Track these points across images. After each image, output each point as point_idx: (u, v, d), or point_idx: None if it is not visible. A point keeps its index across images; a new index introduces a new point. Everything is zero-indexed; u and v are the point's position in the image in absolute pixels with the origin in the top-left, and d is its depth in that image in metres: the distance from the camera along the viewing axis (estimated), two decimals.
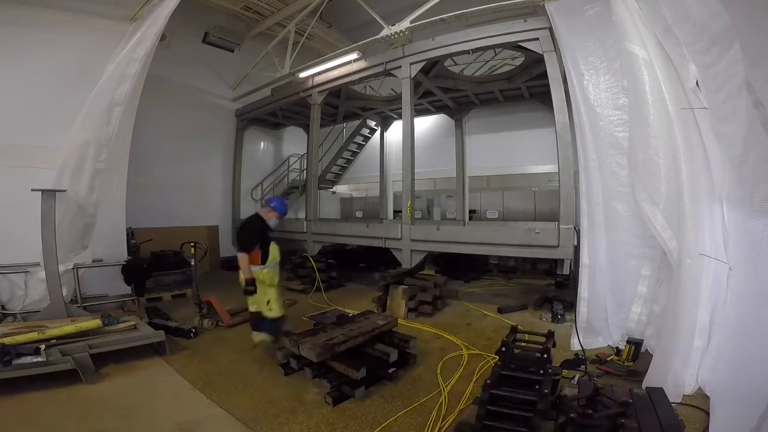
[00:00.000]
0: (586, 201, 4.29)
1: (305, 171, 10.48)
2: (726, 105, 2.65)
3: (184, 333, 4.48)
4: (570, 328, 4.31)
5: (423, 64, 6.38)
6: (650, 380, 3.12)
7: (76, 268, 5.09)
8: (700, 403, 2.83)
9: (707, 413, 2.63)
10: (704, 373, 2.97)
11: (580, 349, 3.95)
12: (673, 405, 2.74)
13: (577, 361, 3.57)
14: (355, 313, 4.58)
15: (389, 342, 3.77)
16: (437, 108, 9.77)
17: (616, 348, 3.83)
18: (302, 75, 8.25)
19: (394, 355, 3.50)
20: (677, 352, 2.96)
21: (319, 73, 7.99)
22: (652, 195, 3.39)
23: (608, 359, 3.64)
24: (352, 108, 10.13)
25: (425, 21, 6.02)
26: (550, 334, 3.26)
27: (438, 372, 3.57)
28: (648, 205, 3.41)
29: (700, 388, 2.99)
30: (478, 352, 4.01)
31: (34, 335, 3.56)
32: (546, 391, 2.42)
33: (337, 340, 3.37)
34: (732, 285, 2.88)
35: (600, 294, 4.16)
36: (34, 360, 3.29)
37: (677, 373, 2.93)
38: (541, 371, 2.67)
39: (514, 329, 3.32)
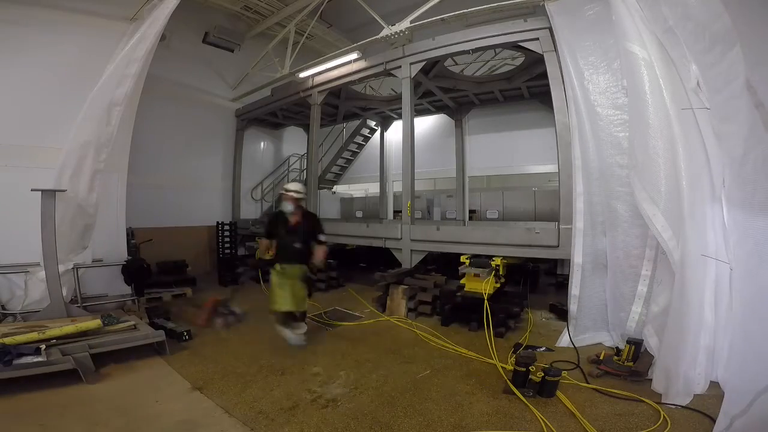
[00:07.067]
0: (582, 201, 4.30)
1: (305, 171, 10.47)
2: (728, 105, 2.65)
3: (177, 336, 4.35)
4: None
5: (423, 64, 6.37)
6: (658, 381, 3.12)
7: (76, 268, 5.07)
8: (709, 403, 2.82)
9: (713, 419, 2.58)
10: (719, 372, 3.00)
11: (572, 345, 4.06)
12: (682, 408, 2.77)
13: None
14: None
15: None
16: (437, 108, 9.75)
17: (616, 348, 3.83)
18: (302, 75, 8.24)
19: None
20: (686, 353, 2.95)
21: (319, 73, 7.98)
22: (652, 195, 3.38)
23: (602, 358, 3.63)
24: (352, 108, 10.12)
25: (425, 21, 6.01)
26: None
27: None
28: (648, 205, 3.39)
29: (709, 385, 3.01)
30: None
31: (34, 335, 3.56)
32: None
33: None
34: (734, 284, 2.88)
35: (592, 292, 4.21)
36: (35, 360, 3.28)
37: (687, 374, 2.93)
38: None
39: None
